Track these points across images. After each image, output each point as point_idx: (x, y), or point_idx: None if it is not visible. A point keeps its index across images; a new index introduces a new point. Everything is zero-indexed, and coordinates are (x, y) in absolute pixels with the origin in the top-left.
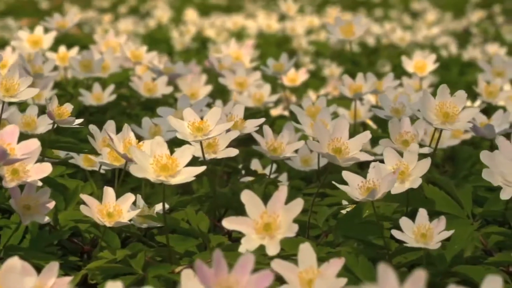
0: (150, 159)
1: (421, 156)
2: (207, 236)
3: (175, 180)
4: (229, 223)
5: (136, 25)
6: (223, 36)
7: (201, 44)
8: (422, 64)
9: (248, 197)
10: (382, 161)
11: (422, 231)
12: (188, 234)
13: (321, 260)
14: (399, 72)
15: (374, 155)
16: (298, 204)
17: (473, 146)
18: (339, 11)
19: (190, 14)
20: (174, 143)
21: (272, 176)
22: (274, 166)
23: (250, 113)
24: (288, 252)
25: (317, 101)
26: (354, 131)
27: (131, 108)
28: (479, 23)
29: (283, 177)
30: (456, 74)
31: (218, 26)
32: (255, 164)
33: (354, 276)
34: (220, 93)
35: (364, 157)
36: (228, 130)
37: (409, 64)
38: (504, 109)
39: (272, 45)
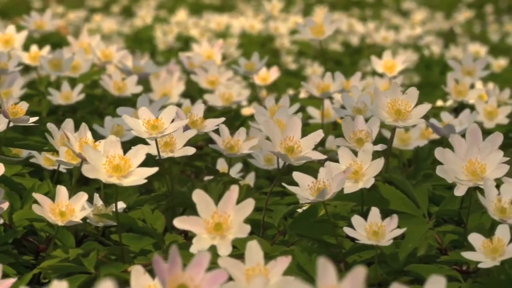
0: (103, 159)
1: (377, 154)
2: (161, 234)
3: (127, 182)
4: (180, 222)
5: (121, 25)
6: (207, 36)
7: (185, 44)
8: (392, 64)
9: (199, 197)
10: None
11: (374, 229)
12: (144, 233)
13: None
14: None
15: None
16: (249, 204)
17: (443, 147)
18: (327, 11)
19: (181, 15)
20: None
21: (239, 175)
22: (241, 165)
23: (221, 113)
24: (242, 251)
25: (280, 100)
26: (324, 131)
27: (104, 108)
28: (468, 23)
29: (251, 176)
30: (437, 74)
31: (202, 26)
32: (221, 163)
33: (307, 275)
34: (199, 93)
35: (316, 156)
36: (187, 129)
37: (378, 64)
38: (472, 108)
39: (255, 45)
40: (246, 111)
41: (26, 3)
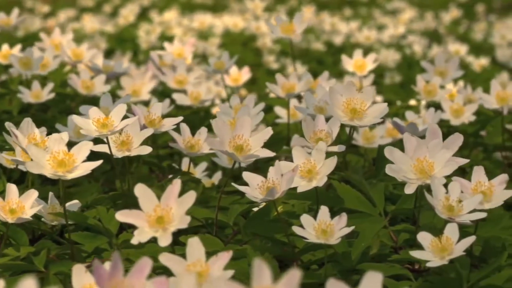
0: (47, 155)
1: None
2: (112, 233)
3: (72, 175)
4: (122, 216)
5: (105, 24)
6: (190, 35)
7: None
8: (362, 63)
9: (141, 191)
10: None
11: (322, 228)
12: (99, 231)
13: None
14: None
15: None
16: (191, 197)
17: None
18: (313, 10)
19: (170, 14)
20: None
21: (204, 174)
22: (205, 164)
23: (192, 112)
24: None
25: (245, 99)
26: (289, 131)
27: (75, 107)
28: (455, 22)
29: (217, 175)
30: (419, 73)
31: (185, 25)
32: (185, 163)
33: None
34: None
35: (265, 154)
36: (144, 128)
37: (348, 63)
38: (436, 107)
39: (238, 44)
40: (216, 110)
41: (18, 3)
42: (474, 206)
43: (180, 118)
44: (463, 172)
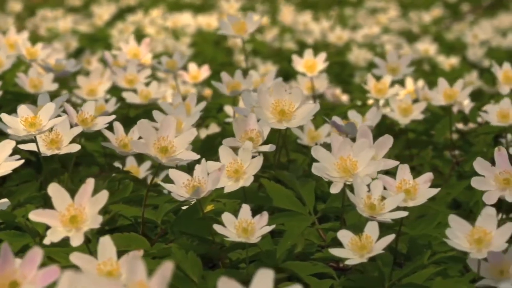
0: None
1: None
2: (36, 231)
3: None
4: (35, 215)
5: (79, 23)
6: (163, 35)
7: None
8: (312, 63)
9: (54, 190)
10: None
11: (243, 226)
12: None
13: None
14: (335, 70)
15: None
16: (103, 196)
17: None
18: (293, 10)
19: (155, 14)
20: None
21: (148, 172)
22: (150, 163)
23: (144, 111)
24: (120, 248)
25: (187, 98)
26: None
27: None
28: (435, 21)
29: (165, 173)
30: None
31: (158, 24)
32: (131, 161)
33: (183, 272)
34: None
35: (190, 156)
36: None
37: (299, 63)
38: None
39: (209, 43)
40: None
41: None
42: (396, 205)
43: (113, 116)
44: (413, 171)
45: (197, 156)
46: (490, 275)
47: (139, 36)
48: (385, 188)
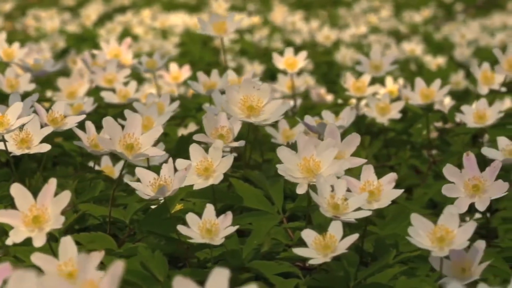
0: None
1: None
2: (4, 230)
3: None
4: None
5: (67, 23)
6: (151, 35)
7: None
8: (293, 61)
9: (16, 190)
10: None
11: (207, 227)
12: None
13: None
14: (322, 70)
15: None
16: (66, 196)
17: None
18: (286, 10)
19: (145, 14)
20: None
21: (124, 172)
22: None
23: (122, 111)
24: (86, 248)
25: (161, 98)
26: None
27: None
28: (425, 21)
29: None
30: None
31: (147, 24)
32: (106, 161)
33: (149, 271)
34: None
35: (155, 152)
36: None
37: (279, 61)
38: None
39: (197, 43)
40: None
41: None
42: (359, 204)
43: (83, 116)
44: (392, 170)
45: (163, 153)
46: (452, 273)
47: (127, 36)
48: (349, 190)
